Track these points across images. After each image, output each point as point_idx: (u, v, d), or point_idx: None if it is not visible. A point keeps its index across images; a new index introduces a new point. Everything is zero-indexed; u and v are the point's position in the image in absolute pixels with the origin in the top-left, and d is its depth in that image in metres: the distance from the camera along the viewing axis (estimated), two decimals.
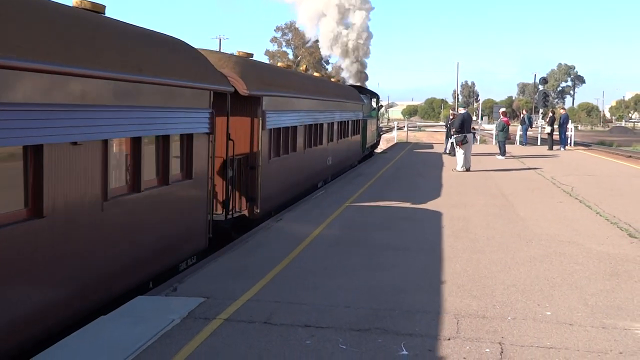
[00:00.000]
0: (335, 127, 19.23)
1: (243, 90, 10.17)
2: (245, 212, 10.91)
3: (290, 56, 75.68)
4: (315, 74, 27.32)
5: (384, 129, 46.33)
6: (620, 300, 6.63)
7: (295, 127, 13.85)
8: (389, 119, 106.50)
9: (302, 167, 14.81)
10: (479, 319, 5.98)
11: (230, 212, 10.23)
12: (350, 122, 22.28)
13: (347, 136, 21.82)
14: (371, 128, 29.68)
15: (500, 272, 7.72)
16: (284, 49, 77.91)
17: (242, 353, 5.06)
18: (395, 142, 39.97)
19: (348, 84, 35.09)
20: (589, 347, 5.30)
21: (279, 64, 23.48)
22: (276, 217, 11.47)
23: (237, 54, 12.23)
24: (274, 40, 78.35)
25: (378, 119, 34.83)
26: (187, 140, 8.08)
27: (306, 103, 14.94)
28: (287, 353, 5.08)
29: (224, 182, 10.15)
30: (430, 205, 13.04)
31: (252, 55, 12.46)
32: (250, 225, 10.77)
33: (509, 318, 6.04)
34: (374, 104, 31.57)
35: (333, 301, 6.42)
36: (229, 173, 10.07)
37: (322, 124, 17.13)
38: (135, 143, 6.79)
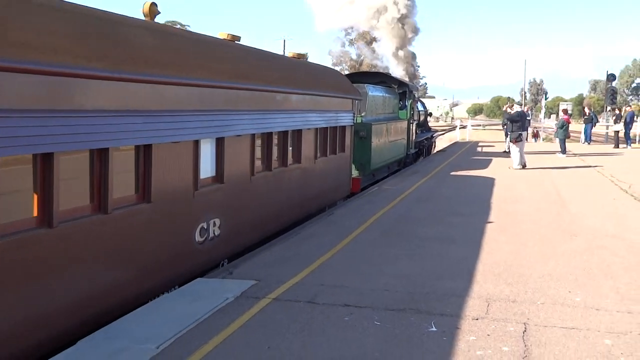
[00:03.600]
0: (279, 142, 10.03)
1: None
2: None
3: (353, 56, 76.17)
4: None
5: (435, 131, 36.82)
6: None
7: None
8: (453, 118, 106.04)
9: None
10: (509, 303, 6.39)
11: None
12: (304, 131, 11.29)
13: (296, 161, 11.00)
14: (388, 136, 18.84)
15: (538, 263, 8.05)
16: (347, 48, 78.44)
17: (286, 325, 5.68)
18: (456, 141, 39.83)
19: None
20: (610, 329, 5.63)
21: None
22: None
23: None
24: (337, 40, 79.09)
25: (412, 121, 22.94)
26: None
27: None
28: (327, 327, 5.67)
29: None
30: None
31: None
32: None
33: (538, 303, 6.41)
34: (407, 101, 22.01)
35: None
36: None
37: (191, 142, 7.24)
38: None
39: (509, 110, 23.47)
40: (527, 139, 22.34)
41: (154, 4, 7.41)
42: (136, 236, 6.33)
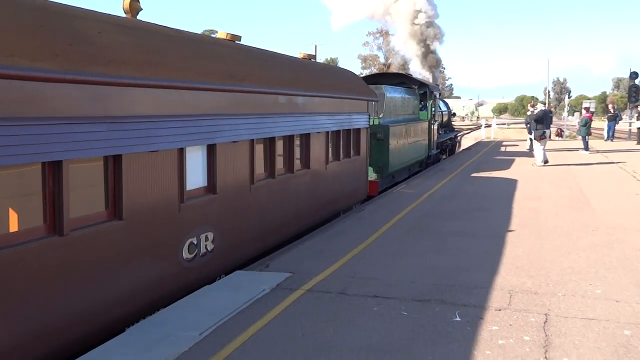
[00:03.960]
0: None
1: None
2: None
3: (382, 59, 76.63)
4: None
5: (459, 131, 36.38)
6: None
7: None
8: (478, 117, 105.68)
9: None
10: (531, 295, 6.68)
11: None
12: (327, 133, 11.41)
13: (304, 166, 10.49)
14: (407, 138, 18.54)
15: (560, 257, 8.31)
16: (376, 52, 78.91)
17: (318, 315, 6.06)
18: (479, 140, 39.78)
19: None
20: (629, 320, 5.89)
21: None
22: None
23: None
24: (365, 44, 79.58)
25: (433, 122, 22.71)
26: None
27: None
28: (356, 316, 6.03)
29: None
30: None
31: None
32: None
33: (559, 294, 6.69)
34: (427, 101, 21.93)
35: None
36: None
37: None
38: None
39: (531, 109, 23.62)
40: (549, 137, 22.50)
41: (135, 0, 6.88)
42: (104, 258, 5.59)
